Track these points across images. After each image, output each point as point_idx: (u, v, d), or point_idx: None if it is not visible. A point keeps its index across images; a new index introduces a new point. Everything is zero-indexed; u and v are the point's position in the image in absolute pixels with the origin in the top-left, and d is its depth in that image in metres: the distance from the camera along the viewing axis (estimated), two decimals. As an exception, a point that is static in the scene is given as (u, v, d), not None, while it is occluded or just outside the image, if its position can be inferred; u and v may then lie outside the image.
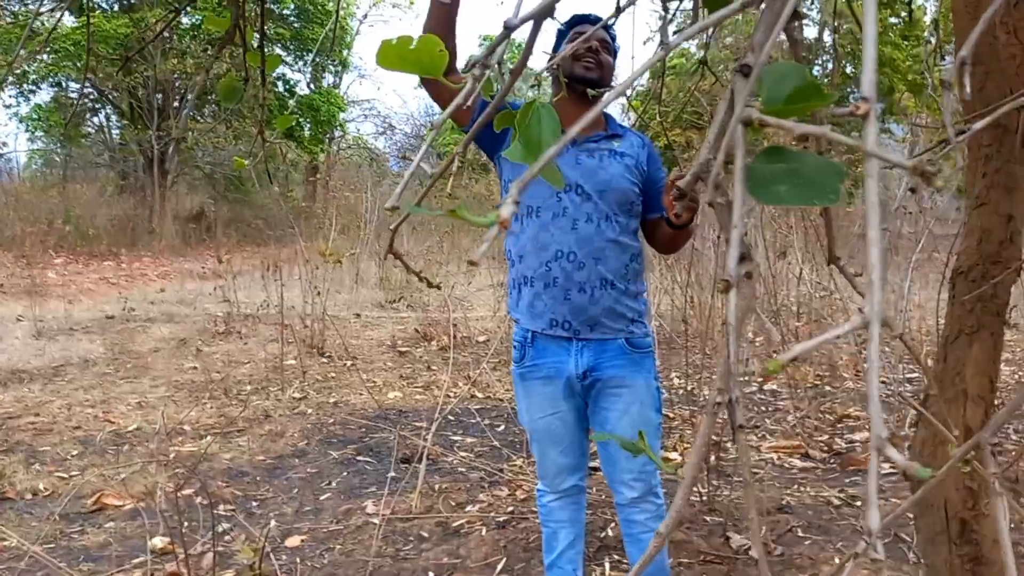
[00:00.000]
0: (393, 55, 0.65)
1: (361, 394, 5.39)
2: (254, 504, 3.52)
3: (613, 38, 2.21)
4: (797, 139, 0.48)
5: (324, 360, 6.51)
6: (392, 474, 3.62)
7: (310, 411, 5.00)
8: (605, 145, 2.13)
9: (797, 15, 0.53)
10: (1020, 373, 5.48)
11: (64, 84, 17.97)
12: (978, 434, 0.48)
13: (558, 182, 0.76)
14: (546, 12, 0.63)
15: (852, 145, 0.40)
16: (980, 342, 1.83)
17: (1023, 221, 1.83)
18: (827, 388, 5.11)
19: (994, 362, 1.86)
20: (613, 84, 2.16)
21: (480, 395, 5.43)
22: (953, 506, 1.74)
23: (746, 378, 5.38)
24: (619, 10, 0.98)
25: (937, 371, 1.89)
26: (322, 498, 3.58)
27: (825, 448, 4.03)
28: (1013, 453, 3.48)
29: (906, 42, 16.84)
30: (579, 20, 2.19)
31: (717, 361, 5.48)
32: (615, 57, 2.21)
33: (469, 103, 0.88)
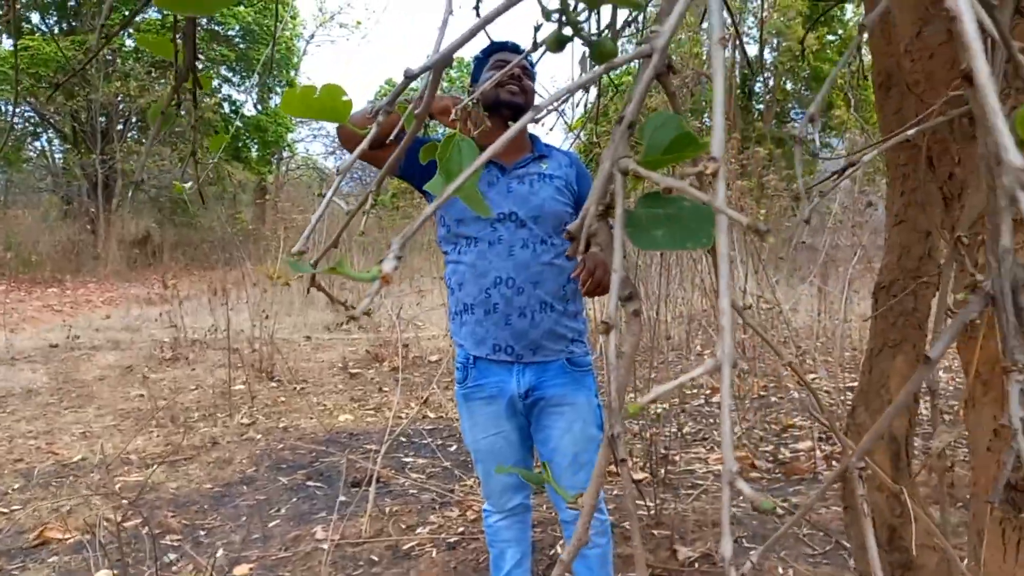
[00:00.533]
0: (297, 103, 0.67)
1: (311, 418, 5.35)
2: (202, 533, 3.47)
3: (532, 63, 2.27)
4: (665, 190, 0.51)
5: (273, 384, 6.45)
6: (342, 498, 3.61)
7: (259, 437, 4.95)
8: (534, 169, 2.17)
9: (671, 68, 0.56)
10: (958, 379, 5.63)
11: (3, 108, 17.64)
12: (845, 460, 0.51)
13: (483, 210, 0.78)
14: (444, 62, 0.65)
15: (704, 201, 0.43)
16: (903, 354, 1.90)
17: (940, 236, 1.90)
18: (772, 399, 5.20)
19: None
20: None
21: (432, 415, 5.43)
22: (881, 513, 1.80)
23: (694, 390, 5.46)
24: (537, 45, 1.02)
25: (864, 383, 1.96)
26: (271, 525, 3.55)
27: (771, 458, 4.11)
28: (925, 462, 3.58)
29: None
30: (497, 47, 2.24)
31: (665, 375, 5.55)
32: (534, 82, 2.26)
33: (390, 139, 0.90)
